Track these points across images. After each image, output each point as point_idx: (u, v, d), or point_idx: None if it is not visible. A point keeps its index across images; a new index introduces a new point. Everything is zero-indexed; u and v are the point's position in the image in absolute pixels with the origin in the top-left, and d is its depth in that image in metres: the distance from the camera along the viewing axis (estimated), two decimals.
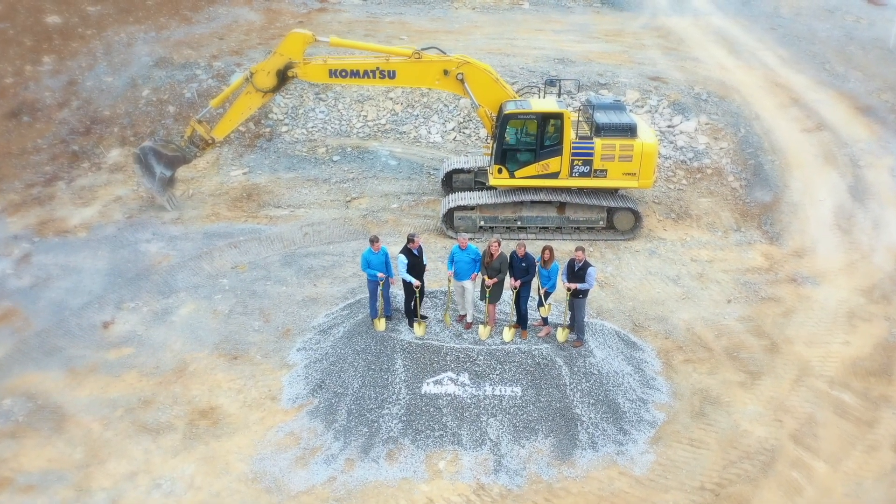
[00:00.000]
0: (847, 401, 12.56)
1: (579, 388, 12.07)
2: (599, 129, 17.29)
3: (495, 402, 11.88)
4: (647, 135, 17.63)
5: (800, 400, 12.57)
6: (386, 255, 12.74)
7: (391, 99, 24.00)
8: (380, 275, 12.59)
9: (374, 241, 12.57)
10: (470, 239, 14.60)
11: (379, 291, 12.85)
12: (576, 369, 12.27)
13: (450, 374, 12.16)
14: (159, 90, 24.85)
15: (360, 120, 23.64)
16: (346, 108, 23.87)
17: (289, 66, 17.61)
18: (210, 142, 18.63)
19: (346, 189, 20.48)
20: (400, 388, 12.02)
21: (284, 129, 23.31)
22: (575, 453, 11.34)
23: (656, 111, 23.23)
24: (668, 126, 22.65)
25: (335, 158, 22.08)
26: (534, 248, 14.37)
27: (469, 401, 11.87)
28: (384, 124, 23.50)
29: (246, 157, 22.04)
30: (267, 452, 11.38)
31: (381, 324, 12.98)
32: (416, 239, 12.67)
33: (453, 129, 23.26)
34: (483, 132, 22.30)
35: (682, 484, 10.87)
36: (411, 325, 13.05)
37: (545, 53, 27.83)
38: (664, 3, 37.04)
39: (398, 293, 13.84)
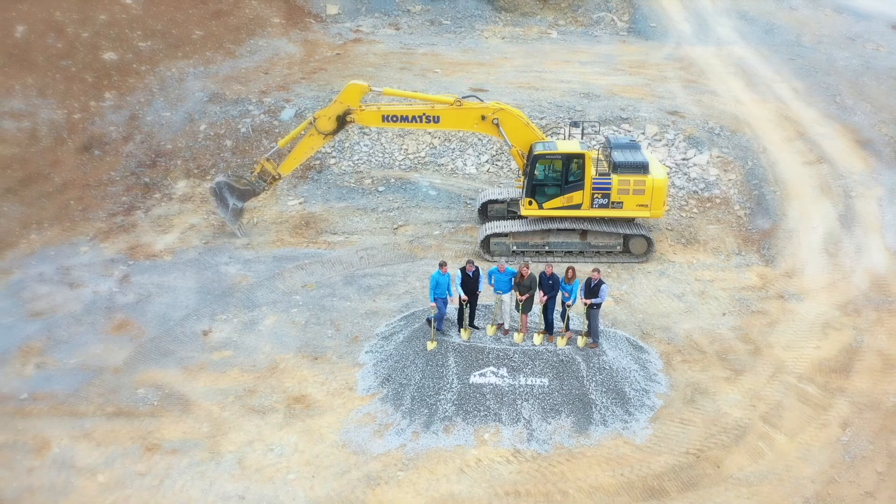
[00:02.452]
0: (810, 391, 17.45)
1: (594, 379, 17.03)
2: (616, 167, 22.37)
3: (527, 389, 16.87)
4: (658, 171, 22.69)
5: (772, 391, 17.47)
6: (449, 277, 17.78)
7: (430, 133, 29.21)
8: (449, 297, 17.58)
9: (442, 265, 17.64)
10: (505, 261, 19.64)
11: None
12: (591, 365, 17.25)
13: (492, 368, 17.17)
14: (215, 125, 30.26)
15: (401, 153, 28.88)
16: (388, 142, 29.12)
17: (347, 113, 22.84)
18: (277, 177, 23.90)
19: (393, 217, 25.66)
20: (452, 379, 17.04)
21: (333, 161, 28.57)
22: (590, 428, 16.29)
23: (673, 145, 28.30)
24: (683, 159, 27.70)
25: (380, 189, 27.29)
26: (559, 268, 19.34)
27: (507, 389, 16.88)
28: (424, 157, 28.72)
29: (300, 187, 27.29)
30: (351, 427, 16.43)
31: (431, 345, 17.83)
32: (471, 264, 17.76)
33: (486, 162, 28.44)
34: (514, 165, 27.40)
35: (671, 450, 15.79)
36: (460, 331, 18.11)
37: (572, 87, 33.03)
38: (689, 32, 42.11)
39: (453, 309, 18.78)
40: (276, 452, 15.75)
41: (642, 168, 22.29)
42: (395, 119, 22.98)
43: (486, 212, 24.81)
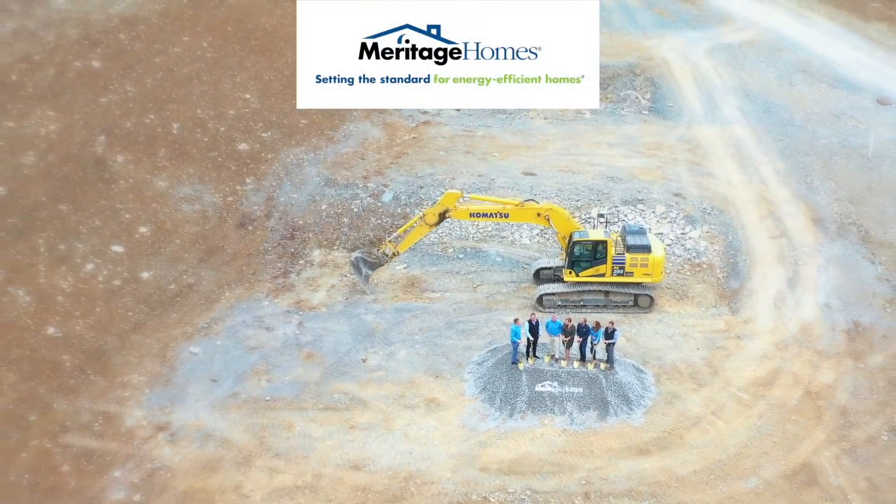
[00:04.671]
0: (744, 397, 31.69)
1: (610, 389, 31.37)
2: (629, 248, 36.72)
3: (570, 394, 31.25)
4: (658, 250, 37.03)
5: (720, 396, 31.74)
6: (520, 327, 32.21)
7: None
8: (520, 339, 32.10)
9: (516, 320, 32.11)
10: (552, 313, 33.98)
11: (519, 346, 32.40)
12: (609, 381, 31.59)
13: (548, 381, 31.56)
14: (333, 205, 44.98)
15: (474, 227, 43.36)
16: (452, 225, 43.58)
17: (446, 211, 37.38)
18: (396, 254, 38.51)
19: (472, 278, 40.16)
20: (524, 388, 31.45)
21: None
22: (607, 417, 30.61)
23: (674, 222, 42.66)
24: (681, 233, 42.06)
25: (460, 256, 41.82)
26: (591, 317, 33.39)
27: (557, 394, 31.26)
28: (490, 231, 43.23)
29: (402, 255, 41.79)
30: (465, 415, 30.88)
31: (521, 364, 32.29)
32: (534, 315, 32.27)
33: (537, 235, 42.91)
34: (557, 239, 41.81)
35: (655, 430, 30.06)
36: (527, 359, 32.59)
37: (601, 170, 47.54)
38: (700, 112, 56.34)
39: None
40: (424, 430, 30.26)
41: (647, 249, 36.59)
42: (478, 215, 37.63)
43: (539, 276, 39.21)
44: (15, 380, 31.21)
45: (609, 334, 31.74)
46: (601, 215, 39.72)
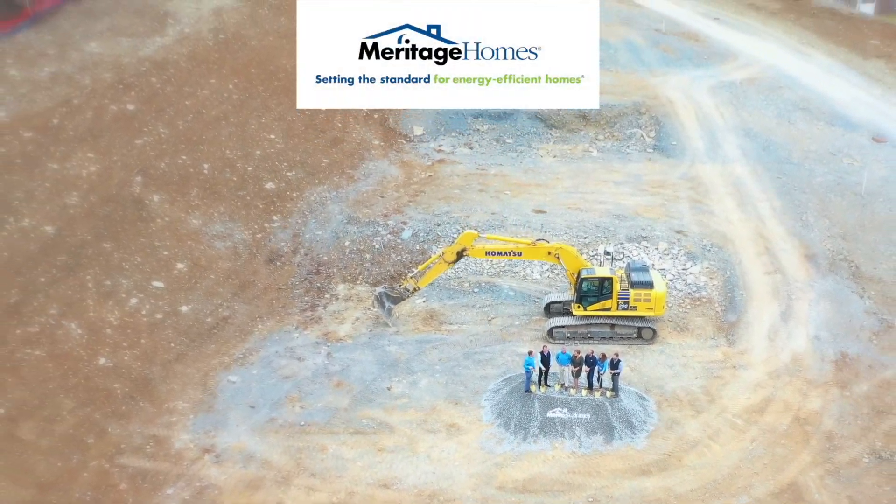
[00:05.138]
0: (738, 422, 35.30)
1: (615, 415, 35.02)
2: (633, 284, 40.42)
3: (578, 420, 34.88)
4: (660, 286, 40.72)
5: (716, 422, 35.35)
6: (534, 358, 35.88)
7: None
8: (532, 368, 35.79)
9: (530, 352, 35.79)
10: (563, 345, 37.66)
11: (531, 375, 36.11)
12: (614, 407, 35.24)
13: (559, 408, 35.19)
14: (356, 241, 48.81)
15: (488, 263, 47.10)
16: (468, 262, 47.36)
17: (464, 250, 41.18)
18: (417, 289, 42.27)
19: (486, 312, 43.91)
20: (537, 413, 35.11)
21: None
22: (613, 441, 34.21)
23: (676, 258, 46.39)
24: (683, 269, 45.77)
25: (475, 290, 45.59)
26: (598, 349, 36.98)
27: (567, 419, 34.89)
28: (503, 266, 46.97)
29: (422, 290, 45.52)
30: (483, 439, 34.50)
31: (533, 389, 35.97)
32: (545, 347, 35.98)
33: (546, 270, 46.65)
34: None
35: (656, 452, 33.68)
36: (539, 387, 36.25)
37: (607, 208, 51.35)
38: (702, 150, 60.16)
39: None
40: (446, 452, 33.91)
41: (649, 285, 40.27)
42: (493, 253, 41.41)
43: (550, 309, 42.90)
44: (73, 406, 34.93)
45: (614, 365, 35.40)
46: (607, 253, 43.51)
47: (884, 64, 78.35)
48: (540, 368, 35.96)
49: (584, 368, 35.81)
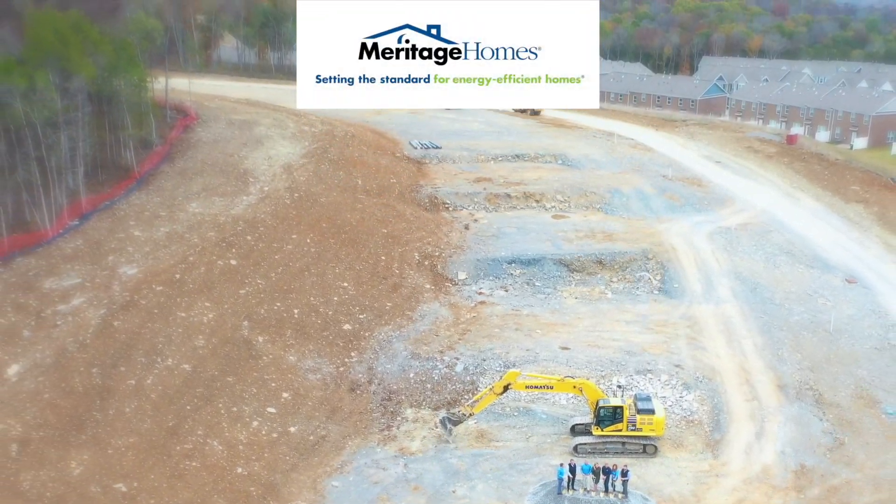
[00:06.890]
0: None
1: None
2: (639, 411, 54.68)
3: None
4: (660, 412, 54.92)
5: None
6: (564, 469, 49.96)
7: None
8: (563, 477, 49.90)
9: (560, 464, 49.92)
10: (585, 458, 51.72)
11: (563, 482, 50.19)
12: None
13: None
14: (419, 374, 63.28)
15: (525, 393, 61.51)
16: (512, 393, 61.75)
17: (509, 384, 55.68)
18: (472, 414, 56.60)
19: (525, 431, 58.00)
20: None
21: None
22: None
23: (674, 388, 60.59)
24: (679, 397, 59.96)
25: (515, 413, 59.68)
26: (611, 461, 50.76)
27: None
28: (537, 395, 61.34)
29: (475, 415, 59.71)
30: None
31: (564, 492, 49.95)
32: (572, 460, 50.14)
33: (572, 399, 60.96)
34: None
35: None
36: (568, 490, 50.29)
37: (619, 345, 65.86)
38: (699, 293, 74.84)
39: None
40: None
41: (652, 412, 54.42)
42: (532, 387, 55.94)
43: (574, 430, 57.08)
44: None
45: (624, 473, 49.53)
46: (620, 386, 57.96)
47: (862, 208, 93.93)
48: (568, 476, 50.02)
49: (602, 476, 49.92)
